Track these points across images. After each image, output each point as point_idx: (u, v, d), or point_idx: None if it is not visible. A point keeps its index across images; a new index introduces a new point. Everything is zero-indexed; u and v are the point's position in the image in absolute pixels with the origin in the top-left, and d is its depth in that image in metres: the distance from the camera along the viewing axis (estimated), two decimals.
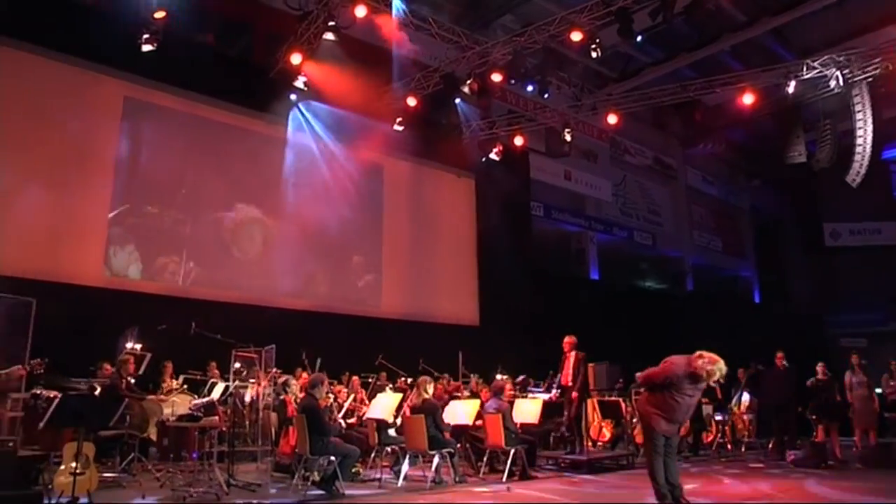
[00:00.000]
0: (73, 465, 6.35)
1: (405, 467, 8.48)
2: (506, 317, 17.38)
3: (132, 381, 8.80)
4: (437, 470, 8.20)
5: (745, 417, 12.96)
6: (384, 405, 8.52)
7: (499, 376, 15.98)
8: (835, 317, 25.85)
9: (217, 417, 7.55)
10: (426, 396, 8.57)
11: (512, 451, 8.82)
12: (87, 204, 12.28)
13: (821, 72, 14.50)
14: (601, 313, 18.96)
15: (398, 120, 15.34)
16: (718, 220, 26.62)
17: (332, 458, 7.28)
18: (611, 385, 11.59)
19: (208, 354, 12.30)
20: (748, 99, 15.32)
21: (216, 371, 11.42)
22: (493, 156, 16.71)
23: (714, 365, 6.06)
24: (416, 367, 14.45)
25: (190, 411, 7.90)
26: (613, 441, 11.88)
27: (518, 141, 16.81)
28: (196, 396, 10.07)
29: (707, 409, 12.35)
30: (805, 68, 14.62)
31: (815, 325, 25.16)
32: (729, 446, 12.80)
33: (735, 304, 25.84)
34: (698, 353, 6.27)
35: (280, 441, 8.19)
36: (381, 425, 8.77)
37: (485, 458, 9.19)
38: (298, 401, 8.57)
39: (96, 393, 8.35)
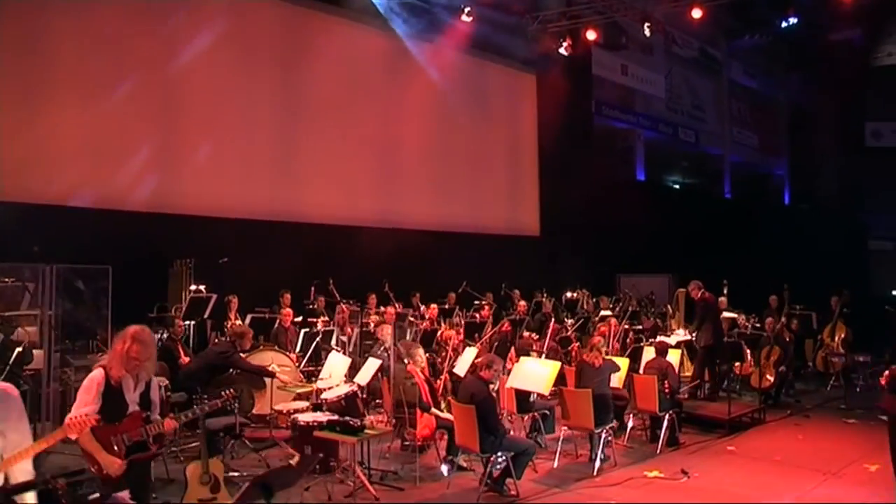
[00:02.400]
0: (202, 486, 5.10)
1: (559, 446, 7.54)
2: (567, 226, 16.36)
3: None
4: (601, 448, 7.28)
5: (841, 351, 12.26)
6: (537, 375, 7.29)
7: (570, 294, 15.24)
8: (863, 219, 25.36)
9: (371, 419, 6.17)
10: (600, 364, 7.48)
11: (666, 418, 7.98)
12: (117, 119, 10.33)
13: None
14: (652, 218, 17.89)
15: (466, 10, 13.52)
16: (756, 114, 25.37)
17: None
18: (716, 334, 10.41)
19: (276, 285, 11.19)
20: None
21: (290, 310, 10.06)
22: (562, 51, 15.07)
23: None
24: (481, 285, 13.56)
25: (325, 407, 6.49)
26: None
27: (590, 35, 15.11)
28: (284, 352, 8.76)
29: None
30: None
31: (845, 227, 24.61)
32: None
33: (768, 205, 25.14)
34: None
35: (416, 423, 6.92)
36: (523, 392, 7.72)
37: (628, 424, 8.34)
38: (424, 372, 7.38)
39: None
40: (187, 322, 9.04)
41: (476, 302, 13.31)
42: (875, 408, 10.38)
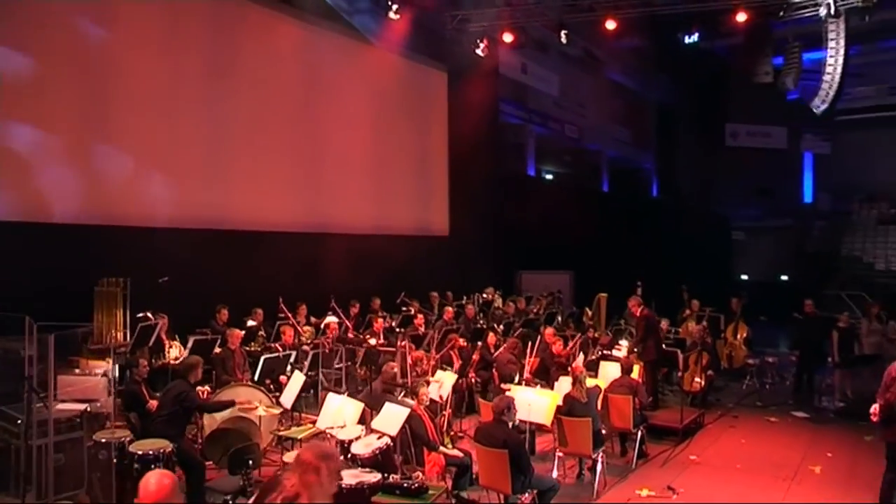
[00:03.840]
0: None
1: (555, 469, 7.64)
2: (474, 224, 16.50)
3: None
4: (591, 471, 7.49)
5: (743, 349, 13.32)
6: (535, 406, 7.22)
7: (485, 295, 15.35)
8: (720, 211, 27.61)
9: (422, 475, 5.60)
10: (589, 386, 7.67)
11: (639, 433, 8.34)
12: (30, 120, 9.17)
13: None
14: (546, 214, 18.39)
15: (395, 8, 13.18)
16: (629, 111, 26.65)
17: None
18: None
19: (210, 299, 10.49)
20: (741, 17, 14.81)
21: (238, 330, 9.36)
22: (479, 52, 15.11)
23: None
24: (395, 288, 13.44)
25: (360, 463, 5.83)
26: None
27: (507, 38, 15.23)
28: (259, 388, 8.03)
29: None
30: None
31: (709, 220, 26.63)
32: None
33: (642, 199, 26.65)
34: None
35: (424, 461, 6.66)
36: None
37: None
38: (426, 405, 7.13)
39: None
40: None
41: (404, 309, 13.15)
42: (788, 404, 11.61)
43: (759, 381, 12.57)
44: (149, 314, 8.61)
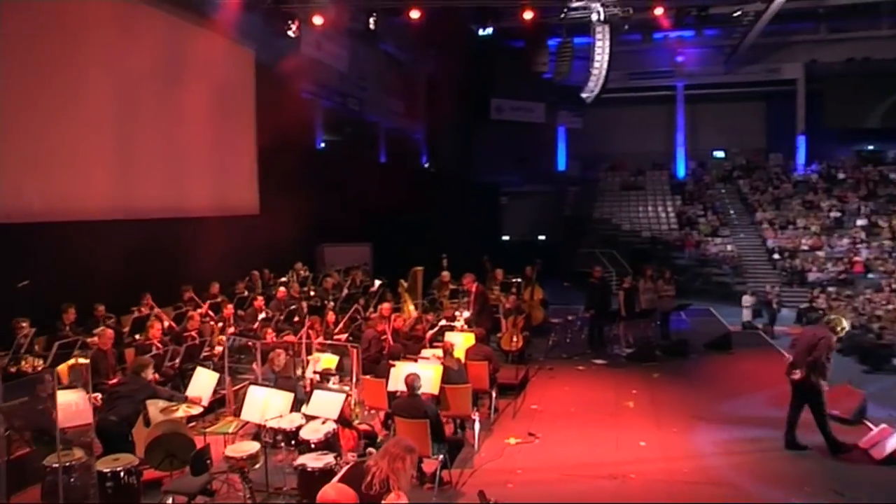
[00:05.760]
0: None
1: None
2: (281, 201, 16.67)
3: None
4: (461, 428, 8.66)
5: (540, 308, 15.26)
6: (427, 378, 8.09)
7: (302, 272, 15.76)
8: (484, 179, 30.12)
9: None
10: (458, 356, 8.73)
11: (493, 392, 9.65)
12: None
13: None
14: (334, 186, 19.09)
15: None
16: (403, 84, 27.83)
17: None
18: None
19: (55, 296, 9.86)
20: (528, 15, 16.67)
21: (110, 329, 9.00)
22: (290, 33, 15.30)
23: (841, 321, 7.98)
24: (213, 271, 13.45)
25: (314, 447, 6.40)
26: None
27: (317, 20, 15.55)
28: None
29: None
30: None
31: (481, 187, 28.91)
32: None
33: (415, 168, 28.12)
34: (827, 320, 8.13)
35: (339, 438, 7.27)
36: None
37: None
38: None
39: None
40: None
41: (237, 291, 13.23)
42: (587, 353, 13.72)
43: (562, 336, 14.63)
44: (22, 323, 8.09)
